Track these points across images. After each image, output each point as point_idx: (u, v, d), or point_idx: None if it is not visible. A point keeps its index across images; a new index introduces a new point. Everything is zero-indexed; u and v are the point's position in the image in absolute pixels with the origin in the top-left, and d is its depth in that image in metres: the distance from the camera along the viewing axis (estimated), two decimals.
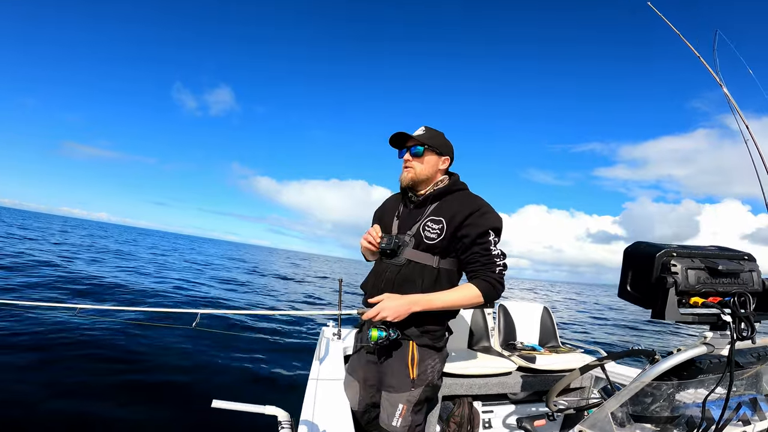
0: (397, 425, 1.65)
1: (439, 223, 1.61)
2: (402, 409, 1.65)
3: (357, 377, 1.87)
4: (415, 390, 1.65)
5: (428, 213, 1.65)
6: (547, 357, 2.66)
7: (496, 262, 1.54)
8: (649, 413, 1.19)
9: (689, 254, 1.06)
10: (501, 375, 2.45)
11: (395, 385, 1.67)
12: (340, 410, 1.77)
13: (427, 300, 1.54)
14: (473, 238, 1.55)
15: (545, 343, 3.11)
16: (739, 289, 1.06)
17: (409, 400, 1.65)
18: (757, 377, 1.31)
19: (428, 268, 1.63)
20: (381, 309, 1.51)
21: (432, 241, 1.61)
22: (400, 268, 1.65)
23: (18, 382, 3.45)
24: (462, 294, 1.54)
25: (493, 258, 1.54)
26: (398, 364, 1.67)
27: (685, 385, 1.17)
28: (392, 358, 1.69)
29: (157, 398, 3.57)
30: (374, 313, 1.51)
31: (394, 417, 1.65)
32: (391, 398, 1.68)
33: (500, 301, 3.25)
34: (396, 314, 1.50)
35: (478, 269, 1.55)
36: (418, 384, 1.65)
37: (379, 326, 1.57)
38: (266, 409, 1.37)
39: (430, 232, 1.62)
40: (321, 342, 2.82)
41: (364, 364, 1.84)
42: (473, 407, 2.35)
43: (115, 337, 5.03)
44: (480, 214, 1.56)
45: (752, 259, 1.14)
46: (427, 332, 1.66)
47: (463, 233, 1.56)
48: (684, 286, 1.02)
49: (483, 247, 1.54)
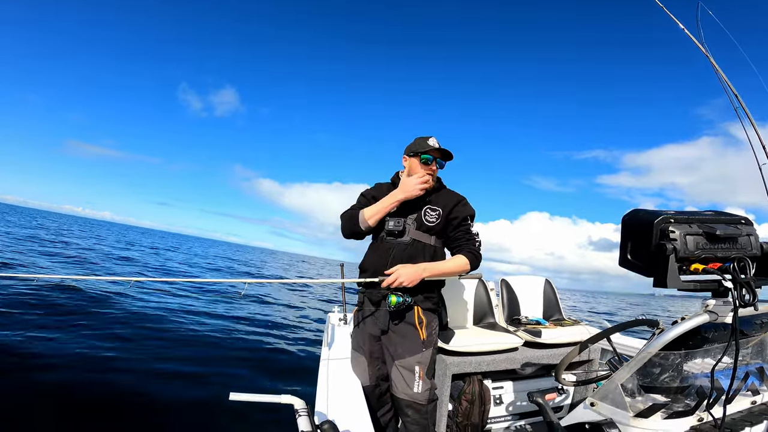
0: (419, 390, 1.87)
1: (436, 210, 2.02)
2: (419, 372, 1.89)
3: (363, 353, 2.10)
4: (426, 351, 1.93)
5: (425, 203, 2.04)
6: (553, 330, 2.69)
7: (475, 239, 2.00)
8: (659, 384, 1.21)
9: (687, 220, 1.07)
10: (508, 351, 2.48)
11: (407, 350, 1.91)
12: (352, 393, 1.81)
13: (432, 267, 1.90)
14: (460, 221, 2.01)
15: (549, 316, 3.14)
16: (738, 253, 1.06)
17: (421, 362, 1.91)
18: (763, 345, 1.32)
19: (428, 246, 2.02)
20: (398, 275, 1.82)
21: (431, 224, 2.01)
22: (406, 246, 2.00)
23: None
24: (456, 263, 1.95)
25: (473, 236, 2.01)
26: (407, 329, 1.94)
27: (692, 354, 1.18)
28: (401, 325, 1.95)
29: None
30: (393, 279, 1.82)
31: (414, 382, 1.87)
32: (405, 363, 1.90)
33: (502, 276, 3.28)
34: (411, 280, 1.83)
35: (463, 244, 1.98)
36: (427, 345, 1.94)
37: (396, 292, 1.86)
38: (282, 398, 1.40)
39: (429, 217, 2.02)
40: (327, 328, 2.86)
41: (368, 338, 2.07)
42: (483, 384, 2.39)
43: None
44: (463, 204, 2.05)
45: (749, 222, 1.14)
46: (429, 297, 2.00)
47: (453, 216, 2.01)
48: (683, 253, 1.02)
49: (466, 228, 2.01)
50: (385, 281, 1.85)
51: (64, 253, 12.84)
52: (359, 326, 2.12)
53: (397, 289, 1.86)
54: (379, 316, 2.01)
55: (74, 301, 6.12)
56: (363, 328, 2.09)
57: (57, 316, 5.30)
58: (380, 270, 1.92)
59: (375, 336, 2.04)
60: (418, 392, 1.86)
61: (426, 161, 2.02)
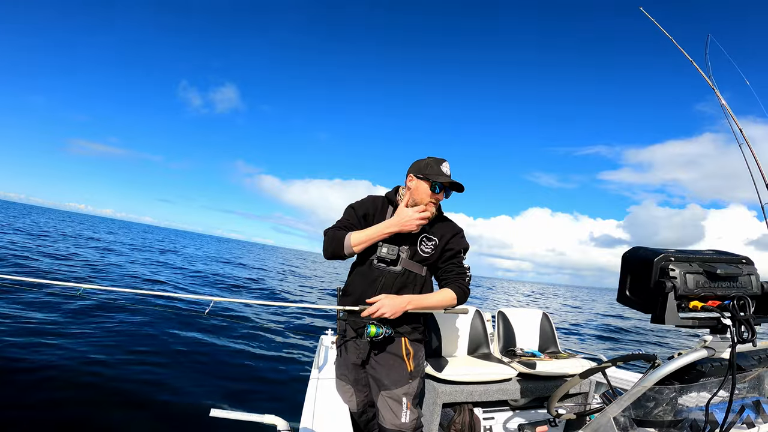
0: (406, 420, 1.81)
1: (432, 240, 1.94)
2: (407, 402, 1.84)
3: (347, 381, 2.06)
4: (412, 382, 1.88)
5: (422, 231, 1.94)
6: (548, 363, 2.65)
7: (466, 273, 1.95)
8: (652, 417, 1.19)
9: (687, 259, 1.07)
10: (501, 381, 2.44)
11: (394, 381, 1.85)
12: (339, 418, 1.76)
13: (418, 300, 1.84)
14: (453, 254, 1.95)
15: (545, 348, 3.10)
16: (738, 292, 1.06)
17: (409, 393, 1.86)
18: (759, 380, 1.31)
19: (419, 277, 1.93)
20: (381, 306, 1.75)
21: (426, 254, 1.92)
22: (397, 275, 1.90)
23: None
24: (443, 296, 1.89)
25: (465, 270, 1.96)
26: (393, 360, 1.88)
27: (688, 389, 1.17)
28: (386, 355, 1.89)
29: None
30: (374, 310, 1.75)
31: (402, 413, 1.81)
32: (392, 395, 1.84)
33: (499, 307, 3.25)
34: (394, 312, 1.76)
35: (452, 278, 1.93)
36: (414, 375, 1.89)
37: (377, 323, 1.79)
38: (265, 418, 1.36)
39: (425, 247, 1.93)
40: (320, 350, 2.81)
41: (352, 367, 2.02)
42: (474, 414, 2.34)
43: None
44: (460, 237, 1.99)
45: (750, 262, 1.14)
46: (416, 328, 1.95)
47: (448, 248, 1.95)
48: (683, 291, 1.03)
49: (458, 261, 1.96)
50: (366, 311, 1.77)
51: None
52: (341, 355, 2.07)
53: (380, 320, 1.78)
54: (360, 345, 1.94)
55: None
56: (346, 357, 2.03)
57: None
58: (366, 298, 1.83)
59: (358, 364, 1.98)
60: (405, 422, 1.82)
61: (434, 188, 1.87)
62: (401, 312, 1.78)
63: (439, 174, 1.86)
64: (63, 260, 11.61)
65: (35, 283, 1.59)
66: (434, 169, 1.87)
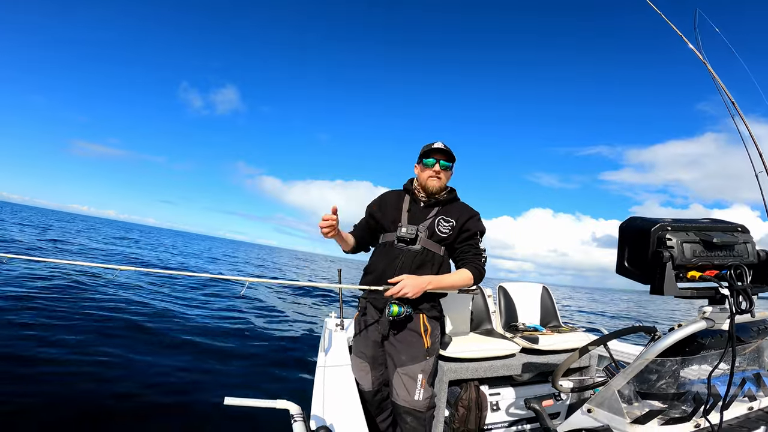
0: (420, 398, 1.87)
1: (449, 222, 2.03)
2: (422, 380, 1.90)
3: (365, 358, 2.10)
4: (429, 359, 1.95)
5: (439, 213, 2.06)
6: (550, 337, 2.69)
7: (482, 254, 2.03)
8: (656, 390, 1.21)
9: (684, 228, 1.07)
10: (505, 357, 2.48)
11: (411, 357, 1.92)
12: (348, 399, 1.80)
13: (438, 280, 1.91)
14: (470, 235, 2.03)
15: (546, 323, 3.14)
16: (735, 261, 1.06)
17: (425, 370, 1.92)
18: (759, 352, 1.33)
19: (437, 256, 2.02)
20: (404, 286, 1.82)
21: (444, 234, 2.01)
22: (416, 254, 2.00)
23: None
24: (461, 276, 1.96)
25: (481, 252, 2.03)
26: (411, 336, 1.96)
27: (689, 361, 1.18)
28: (405, 332, 1.97)
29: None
30: (398, 290, 1.82)
31: (416, 390, 1.87)
32: (408, 371, 1.91)
33: (500, 282, 3.28)
34: (415, 291, 1.83)
35: (470, 258, 2.00)
36: (431, 353, 1.97)
37: (398, 302, 1.87)
38: (277, 403, 1.39)
39: (443, 227, 2.02)
40: (324, 333, 2.85)
41: (371, 344, 2.07)
42: (480, 390, 2.38)
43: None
44: (476, 219, 2.06)
45: (746, 230, 1.14)
46: (434, 306, 2.04)
47: (465, 229, 2.03)
48: (680, 260, 1.03)
49: (475, 243, 2.03)
50: (389, 290, 1.85)
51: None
52: (360, 332, 2.14)
53: (402, 299, 1.86)
54: (382, 322, 2.01)
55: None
56: (365, 334, 2.10)
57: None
58: (386, 276, 1.94)
59: (377, 342, 2.05)
60: (419, 400, 1.88)
61: (428, 164, 2.05)
62: (422, 291, 1.86)
63: (428, 149, 2.05)
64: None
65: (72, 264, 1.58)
66: (425, 149, 2.07)
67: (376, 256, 2.13)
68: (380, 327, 2.03)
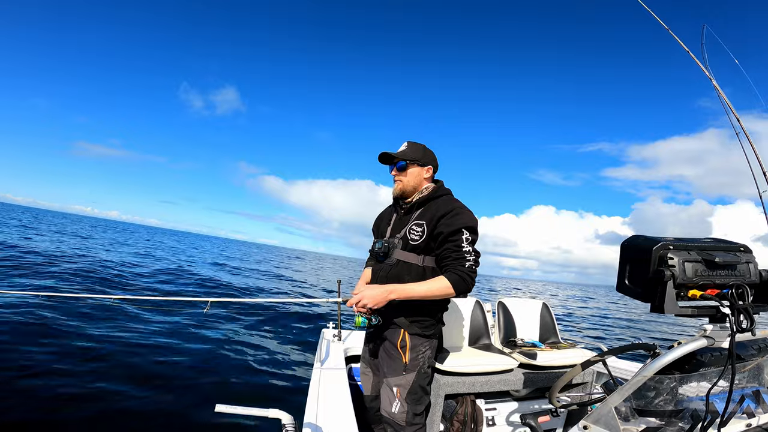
0: (395, 410, 1.82)
1: (421, 226, 1.84)
2: (397, 392, 1.83)
3: (366, 363, 2.13)
4: (407, 374, 1.84)
5: (414, 218, 1.89)
6: (548, 353, 2.66)
7: (466, 257, 1.72)
8: (653, 407, 1.20)
9: (686, 247, 1.07)
10: (503, 372, 2.45)
11: (390, 371, 1.87)
12: (343, 411, 1.77)
13: (402, 289, 1.74)
14: (446, 236, 1.75)
15: (545, 339, 3.12)
16: (737, 280, 1.06)
17: (401, 385, 1.84)
18: (759, 369, 1.31)
19: (414, 266, 1.85)
20: (361, 297, 1.74)
21: (415, 242, 1.84)
22: (391, 267, 1.90)
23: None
24: (434, 285, 1.72)
25: (464, 253, 1.73)
26: (392, 350, 1.88)
27: (688, 378, 1.17)
28: (387, 345, 1.91)
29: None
30: (355, 300, 1.76)
31: (393, 402, 1.82)
32: (388, 382, 1.88)
33: (499, 298, 3.26)
34: (374, 301, 1.72)
35: (450, 263, 1.74)
36: (410, 369, 1.84)
37: (362, 313, 1.80)
38: (269, 412, 1.37)
39: (414, 234, 1.85)
40: (321, 343, 2.83)
41: (369, 351, 2.09)
42: (476, 405, 2.35)
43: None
44: (453, 215, 1.77)
45: (748, 250, 1.14)
46: (416, 321, 1.86)
47: (438, 231, 1.78)
48: (681, 279, 1.02)
49: (455, 244, 1.74)
50: (349, 301, 1.82)
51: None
52: (366, 340, 2.16)
53: (376, 311, 1.81)
54: (371, 333, 2.04)
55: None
56: (366, 341, 2.14)
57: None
58: None
59: (373, 350, 2.06)
60: (395, 412, 1.83)
61: (390, 171, 2.01)
62: (384, 301, 1.73)
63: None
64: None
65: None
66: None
67: (366, 273, 2.15)
68: (371, 338, 2.06)
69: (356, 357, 2.91)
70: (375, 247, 1.99)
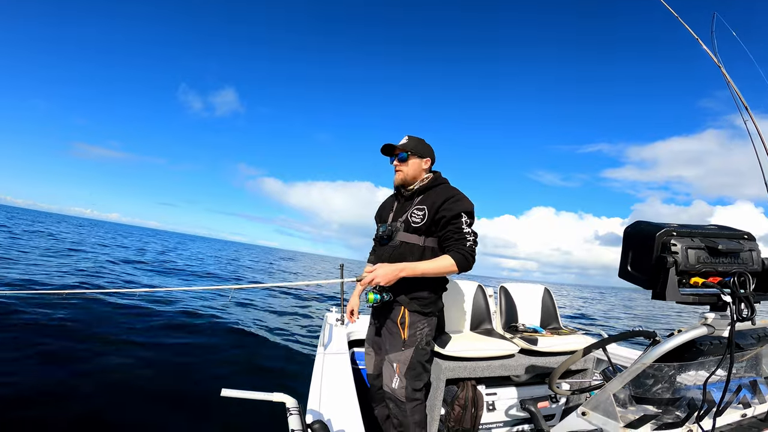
0: (395, 386, 1.93)
1: (422, 210, 2.00)
2: (396, 367, 1.96)
3: (369, 343, 2.25)
4: (405, 350, 1.96)
5: (415, 203, 2.05)
6: (549, 339, 2.68)
7: (467, 237, 1.91)
8: (651, 395, 1.20)
9: (689, 233, 1.06)
10: (503, 357, 2.47)
11: (392, 346, 1.99)
12: (345, 393, 1.80)
13: (412, 267, 1.88)
14: (448, 219, 1.92)
15: (547, 324, 3.13)
16: (739, 268, 1.05)
17: (400, 361, 1.96)
18: (757, 359, 1.32)
19: (416, 246, 2.00)
20: (375, 275, 1.85)
21: (417, 224, 1.99)
22: (395, 248, 2.04)
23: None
24: (440, 263, 1.89)
25: (464, 235, 1.91)
26: (393, 326, 2.01)
27: (686, 366, 1.18)
28: (389, 322, 2.03)
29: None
30: (369, 279, 1.86)
31: (393, 378, 1.94)
32: (389, 358, 1.99)
33: (501, 282, 3.27)
34: (386, 279, 1.85)
35: (452, 244, 1.91)
36: (408, 345, 1.97)
37: (375, 290, 1.94)
38: (274, 396, 1.39)
39: (415, 217, 2.00)
40: (325, 328, 2.86)
41: (373, 330, 2.21)
42: (477, 390, 2.38)
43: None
44: (453, 201, 1.95)
45: (752, 238, 1.13)
46: (415, 299, 1.99)
47: (440, 215, 1.94)
48: (684, 266, 1.02)
49: (456, 226, 1.92)
50: (363, 279, 1.90)
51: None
52: (370, 320, 2.27)
53: (381, 287, 1.93)
54: (376, 312, 2.14)
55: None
56: (371, 322, 2.25)
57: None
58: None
59: (377, 329, 2.15)
60: (395, 388, 1.95)
61: (391, 162, 2.16)
62: (395, 278, 1.86)
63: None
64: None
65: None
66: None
67: (371, 256, 2.27)
68: (376, 316, 2.16)
69: (359, 341, 2.94)
70: (379, 231, 2.12)
